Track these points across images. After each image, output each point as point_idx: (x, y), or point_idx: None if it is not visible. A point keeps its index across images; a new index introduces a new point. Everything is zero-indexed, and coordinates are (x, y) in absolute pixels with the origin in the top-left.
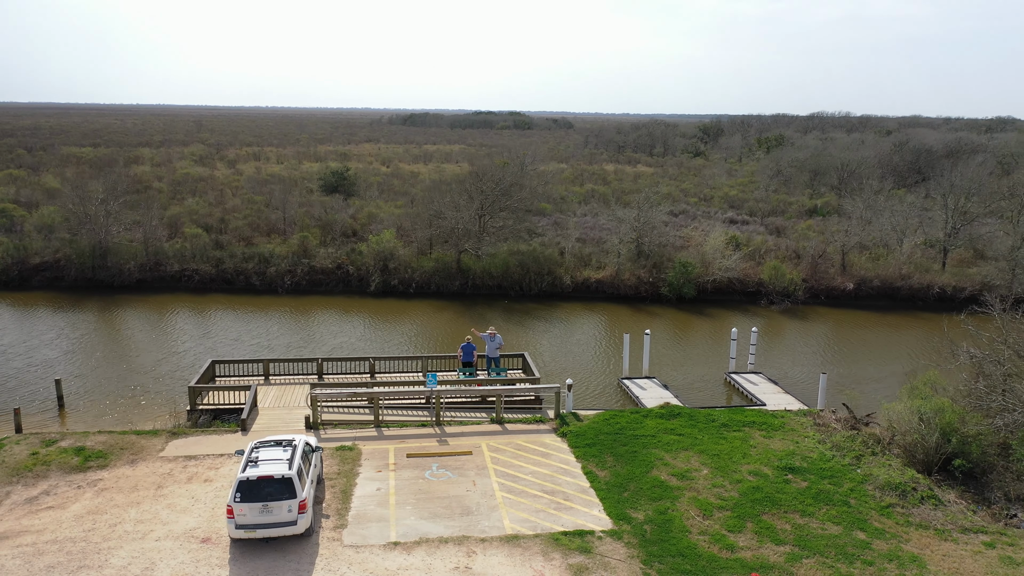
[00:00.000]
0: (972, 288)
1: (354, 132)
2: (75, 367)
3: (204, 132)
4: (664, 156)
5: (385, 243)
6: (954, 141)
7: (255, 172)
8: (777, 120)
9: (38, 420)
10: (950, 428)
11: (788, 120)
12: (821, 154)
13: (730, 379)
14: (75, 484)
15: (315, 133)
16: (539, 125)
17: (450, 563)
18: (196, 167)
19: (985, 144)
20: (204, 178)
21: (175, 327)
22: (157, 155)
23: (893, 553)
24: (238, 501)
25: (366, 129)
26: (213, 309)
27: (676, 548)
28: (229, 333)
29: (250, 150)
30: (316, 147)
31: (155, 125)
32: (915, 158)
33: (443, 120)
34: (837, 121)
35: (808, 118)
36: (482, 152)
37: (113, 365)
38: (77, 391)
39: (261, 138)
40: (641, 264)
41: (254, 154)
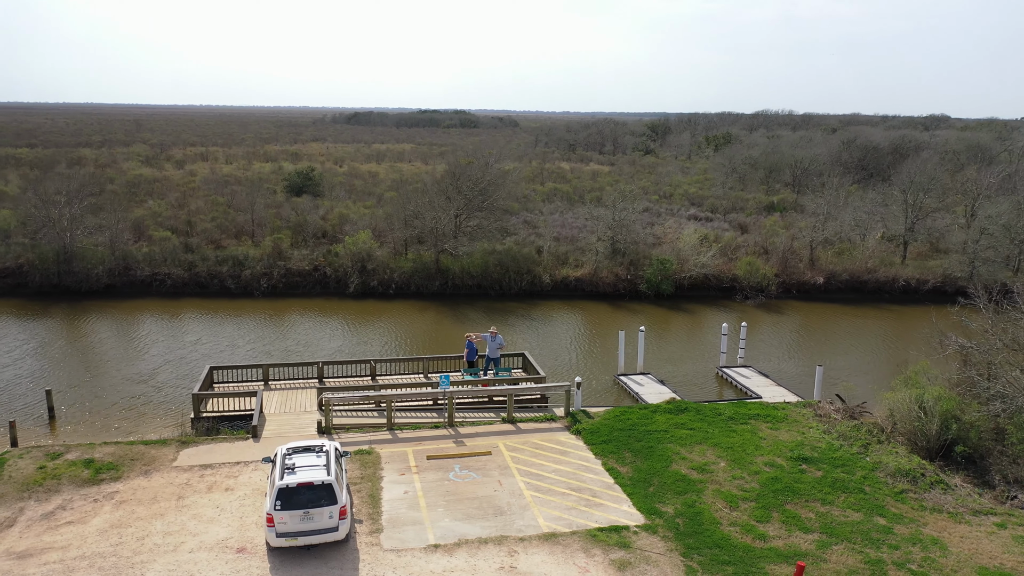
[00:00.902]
0: (934, 280)
1: (300, 131)
2: (66, 377)
3: (145, 132)
4: (615, 154)
5: (362, 244)
6: (898, 138)
7: (210, 173)
8: (723, 118)
9: (28, 433)
10: (949, 415)
11: (734, 118)
12: (774, 152)
13: (722, 373)
14: (91, 498)
15: (260, 132)
16: (485, 124)
17: (494, 563)
18: (144, 168)
19: (928, 141)
20: (158, 179)
21: (162, 333)
22: (100, 156)
23: (914, 537)
24: (278, 509)
25: (311, 128)
26: (192, 313)
27: (711, 540)
28: (220, 339)
29: (196, 150)
30: (263, 147)
31: (90, 125)
32: (863, 155)
33: (388, 119)
34: (781, 119)
35: (753, 116)
36: (434, 151)
37: (104, 374)
38: (69, 401)
39: (205, 138)
40: (618, 262)
41: (201, 154)
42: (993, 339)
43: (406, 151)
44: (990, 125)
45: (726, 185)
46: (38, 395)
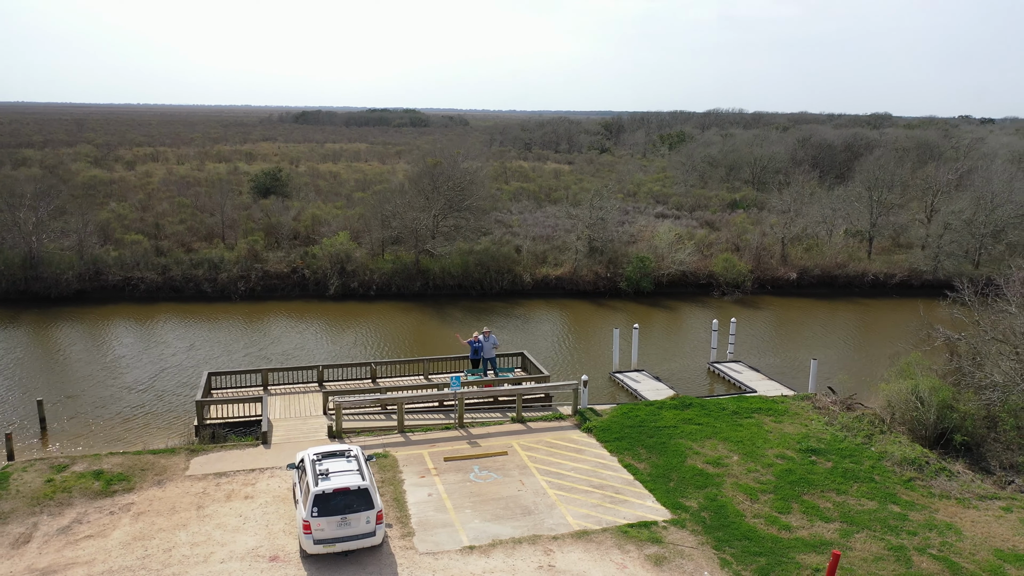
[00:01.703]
0: (901, 274)
1: (248, 131)
2: (54, 386)
3: (88, 132)
4: (570, 153)
5: (340, 245)
6: (851, 136)
7: (166, 174)
8: (675, 116)
9: (20, 445)
10: (945, 405)
11: (686, 117)
12: (733, 150)
13: (714, 368)
14: (106, 510)
15: (208, 132)
16: (435, 122)
17: (532, 563)
18: (95, 169)
19: (878, 139)
20: (115, 181)
21: (148, 339)
22: (46, 156)
23: (929, 523)
24: (315, 515)
25: (259, 127)
26: (172, 318)
27: (739, 532)
28: (213, 345)
29: (144, 150)
30: (214, 147)
31: (27, 124)
32: (818, 153)
33: (337, 118)
34: (732, 117)
35: (705, 115)
36: (391, 151)
37: (94, 382)
38: (59, 411)
39: (153, 138)
40: (597, 260)
41: (151, 155)
42: (982, 331)
43: (362, 151)
44: (932, 123)
45: (688, 183)
46: (27, 406)
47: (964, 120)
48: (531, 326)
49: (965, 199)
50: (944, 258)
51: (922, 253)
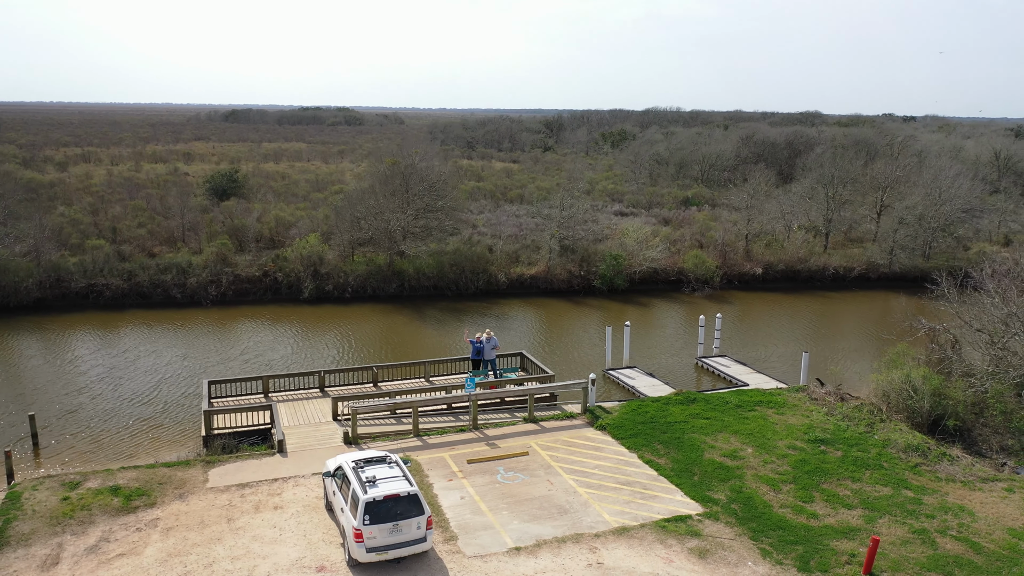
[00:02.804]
0: (859, 268)
1: (179, 130)
2: (39, 399)
3: (9, 132)
4: (513, 151)
5: (311, 248)
6: (792, 134)
7: (108, 176)
8: (615, 115)
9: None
10: (938, 393)
11: (625, 115)
12: (680, 148)
13: (702, 363)
14: (132, 527)
15: (137, 132)
16: (370, 121)
17: (580, 561)
18: (25, 171)
19: (817, 137)
20: (55, 183)
21: (132, 348)
22: None
23: (943, 506)
24: (367, 523)
25: (189, 127)
26: (146, 326)
27: (771, 522)
28: (207, 353)
29: (73, 151)
30: (145, 147)
31: None
32: (762, 150)
33: (269, 116)
34: (670, 116)
35: (644, 113)
36: (332, 150)
37: (92, 395)
38: (64, 426)
39: (79, 138)
40: (570, 259)
41: (82, 155)
42: (963, 322)
43: (303, 150)
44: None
45: (639, 181)
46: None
47: (888, 118)
48: (512, 325)
49: (917, 195)
50: (899, 251)
51: (878, 247)
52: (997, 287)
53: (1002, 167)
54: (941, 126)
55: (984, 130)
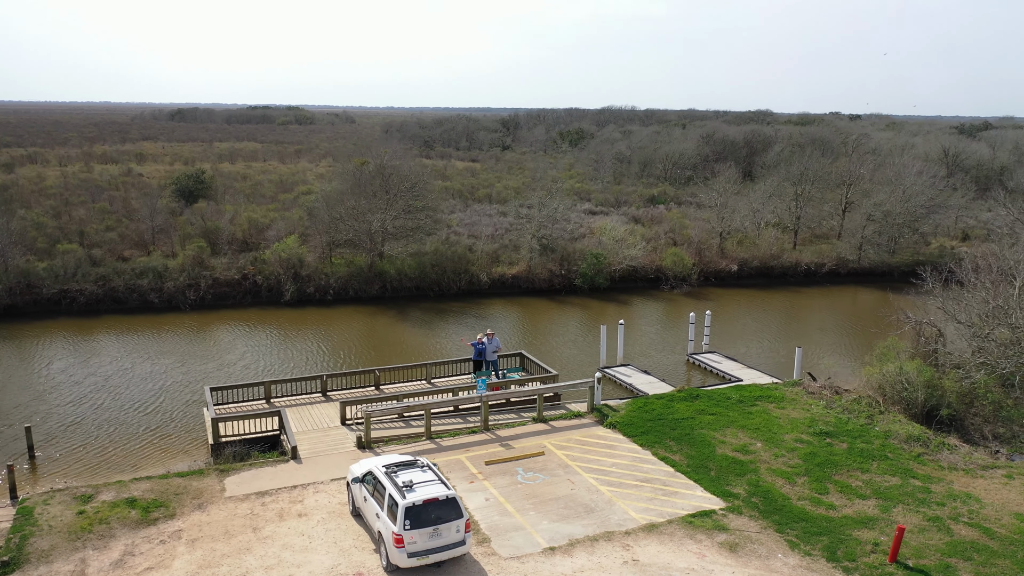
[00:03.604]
0: (830, 264)
1: (125, 130)
2: (48, 410)
3: None
4: (471, 150)
5: (291, 250)
6: (749, 133)
7: (62, 177)
8: (571, 114)
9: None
10: (930, 384)
11: (581, 114)
12: (642, 147)
13: (694, 360)
14: (154, 539)
15: (83, 131)
16: (321, 120)
17: (616, 559)
18: None
19: (774, 135)
20: (8, 185)
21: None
22: None
23: (951, 493)
24: (408, 528)
25: (136, 126)
26: (125, 332)
27: (793, 514)
28: (200, 358)
29: (16, 151)
30: (92, 147)
31: None
32: (722, 149)
33: (216, 116)
34: (626, 114)
35: (600, 111)
36: (288, 150)
37: (93, 406)
38: (70, 439)
39: (21, 138)
40: (550, 258)
41: (28, 156)
42: (948, 315)
43: (258, 150)
44: (810, 119)
45: (604, 180)
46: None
47: (835, 116)
48: (499, 325)
49: (883, 192)
50: (867, 247)
51: (848, 243)
52: (985, 281)
53: (951, 164)
54: (888, 124)
55: (929, 128)
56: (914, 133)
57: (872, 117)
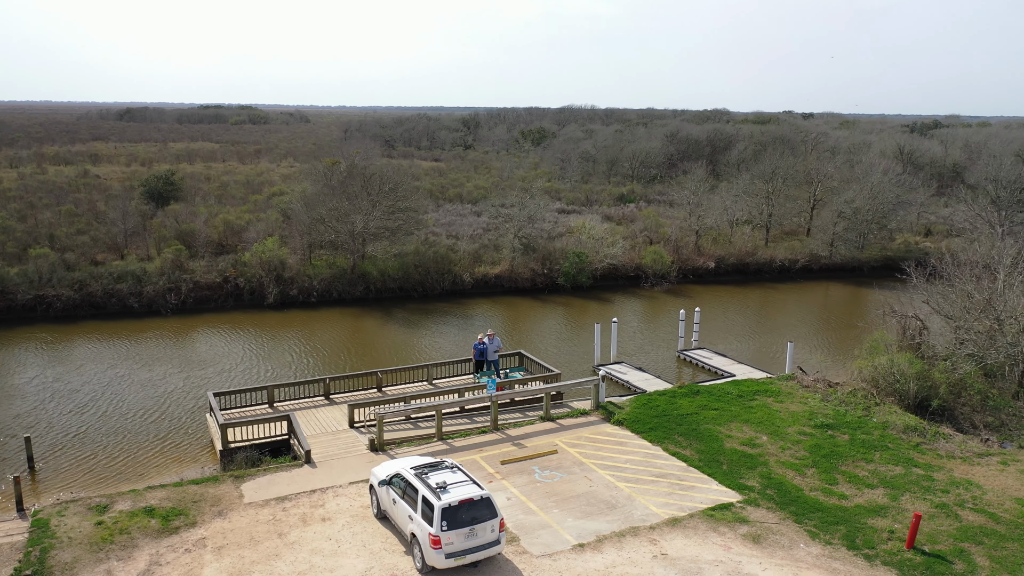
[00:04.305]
0: (803, 260)
1: (74, 130)
2: (50, 419)
3: None
4: (432, 149)
5: (272, 252)
6: (712, 132)
7: (18, 179)
8: (531, 113)
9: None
10: (921, 376)
11: (542, 113)
12: (607, 146)
13: (684, 356)
14: (179, 548)
15: (30, 131)
16: (275, 119)
17: (645, 553)
18: None
19: (735, 134)
20: None
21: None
22: None
23: (953, 481)
24: (445, 529)
25: (85, 126)
26: (109, 338)
27: (808, 505)
28: (194, 364)
29: None
30: (41, 147)
31: None
32: (687, 147)
33: (167, 115)
34: (586, 113)
35: (560, 111)
36: (248, 150)
37: (95, 415)
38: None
39: None
40: (532, 257)
41: None
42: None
43: (216, 151)
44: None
45: (572, 179)
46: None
47: (789, 115)
48: (486, 325)
49: (853, 189)
50: (839, 244)
51: (819, 239)
52: (968, 276)
53: (906, 161)
54: (841, 123)
55: (881, 126)
56: (868, 131)
57: (825, 116)
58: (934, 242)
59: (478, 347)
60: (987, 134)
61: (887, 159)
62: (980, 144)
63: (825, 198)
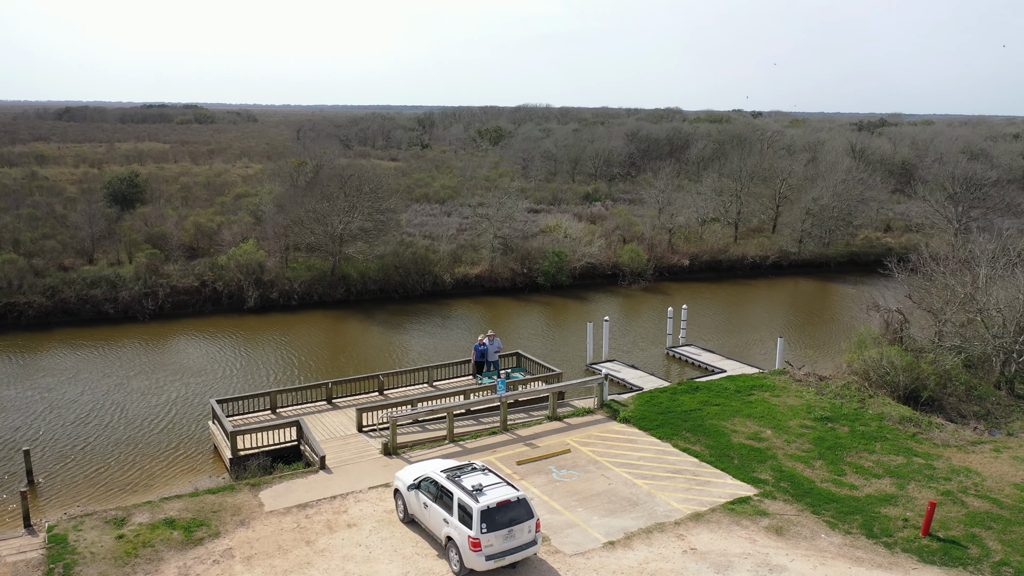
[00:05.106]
0: (774, 256)
1: (12, 130)
2: (52, 430)
3: None
4: (388, 148)
5: (250, 255)
6: (671, 131)
7: None
8: (487, 111)
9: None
10: (910, 368)
11: (497, 111)
12: (566, 145)
13: (674, 353)
14: (207, 559)
15: None
16: (222, 118)
17: (675, 548)
18: None
19: (693, 133)
20: None
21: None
22: None
23: (952, 469)
24: (484, 532)
25: (23, 126)
26: (89, 345)
27: (822, 496)
28: (189, 371)
29: None
30: None
31: None
32: (647, 147)
33: (109, 115)
34: (542, 112)
35: (515, 110)
36: (201, 150)
37: (92, 424)
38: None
39: None
40: (511, 257)
41: None
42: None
43: (167, 151)
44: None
45: (537, 178)
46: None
47: (738, 113)
48: (472, 326)
49: (820, 187)
50: (807, 240)
51: (788, 236)
52: (945, 271)
53: (858, 159)
54: (791, 121)
55: (830, 124)
56: (818, 129)
57: (773, 114)
58: (894, 237)
59: (479, 348)
60: (933, 132)
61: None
62: (927, 142)
63: (790, 196)
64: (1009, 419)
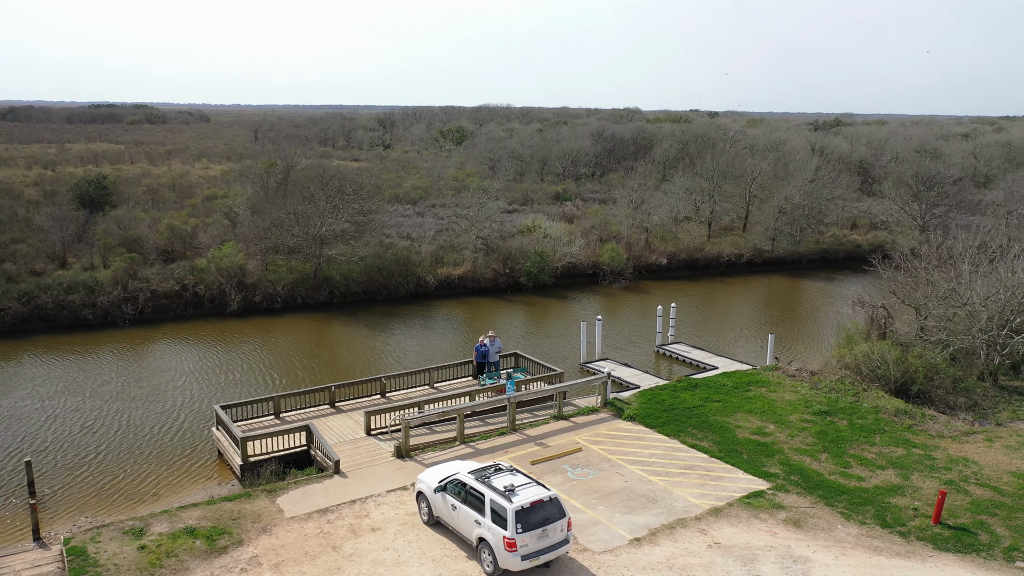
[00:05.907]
0: (748, 254)
1: None
2: (59, 440)
3: None
4: (349, 148)
5: (229, 257)
6: (636, 131)
7: None
8: (448, 112)
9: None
10: (901, 361)
11: (458, 111)
12: (536, 145)
13: (664, 351)
14: (234, 568)
15: None
16: (173, 118)
17: (699, 543)
18: None
19: (657, 133)
20: None
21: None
22: None
23: (951, 458)
24: (520, 532)
25: None
26: (69, 352)
27: (833, 489)
28: (183, 376)
29: None
30: None
31: None
32: (613, 147)
33: (55, 115)
34: (503, 112)
35: (476, 110)
36: (159, 151)
37: (98, 434)
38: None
39: None
40: (494, 257)
41: None
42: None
43: (122, 152)
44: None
45: (505, 178)
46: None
47: (696, 113)
48: (458, 326)
49: (792, 186)
50: (780, 238)
51: (762, 234)
52: (927, 266)
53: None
54: (749, 121)
55: (787, 124)
56: (776, 129)
57: (730, 114)
58: (860, 234)
59: (480, 349)
60: (888, 131)
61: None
62: (883, 141)
63: (759, 195)
64: (996, 410)
